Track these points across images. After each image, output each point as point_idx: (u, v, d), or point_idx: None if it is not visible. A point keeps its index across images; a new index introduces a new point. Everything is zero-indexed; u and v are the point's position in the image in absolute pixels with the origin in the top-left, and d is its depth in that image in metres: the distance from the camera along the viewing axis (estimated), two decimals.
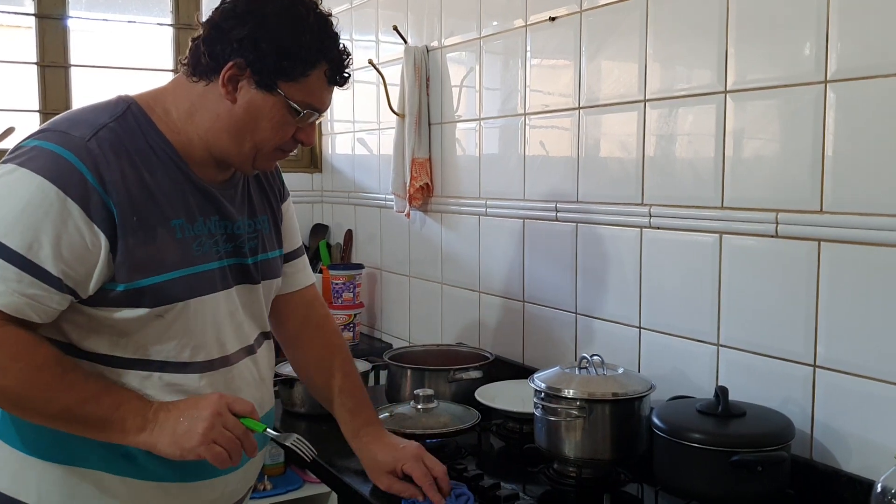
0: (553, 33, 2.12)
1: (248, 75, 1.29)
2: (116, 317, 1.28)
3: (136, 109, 1.33)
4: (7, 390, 1.23)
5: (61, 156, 1.22)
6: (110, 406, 1.25)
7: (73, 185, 1.21)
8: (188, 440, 1.24)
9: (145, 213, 1.27)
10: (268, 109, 1.32)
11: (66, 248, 1.21)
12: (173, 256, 1.30)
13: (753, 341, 1.65)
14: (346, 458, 1.85)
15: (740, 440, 1.41)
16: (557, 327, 2.16)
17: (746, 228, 1.64)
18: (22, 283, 1.19)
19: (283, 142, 1.37)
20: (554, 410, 1.63)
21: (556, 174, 2.14)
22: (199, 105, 1.33)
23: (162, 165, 1.32)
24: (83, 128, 1.26)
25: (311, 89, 1.33)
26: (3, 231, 1.19)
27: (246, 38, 1.27)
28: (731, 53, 1.66)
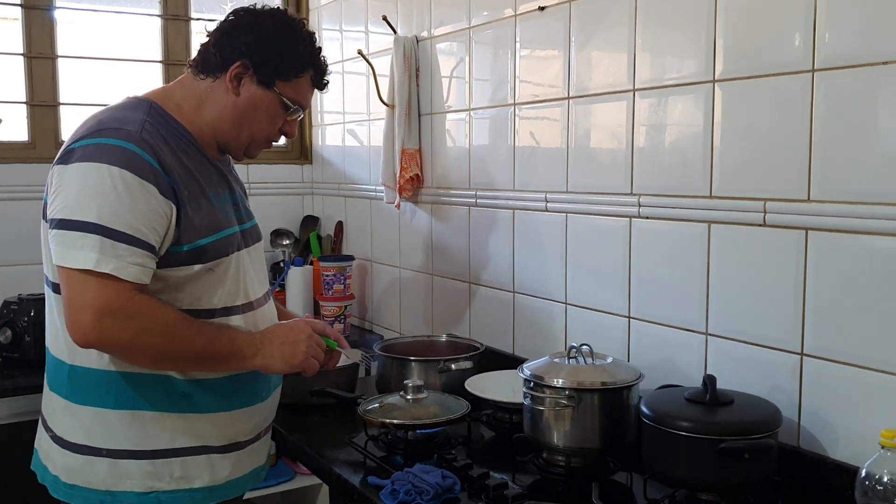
0: (542, 23, 2.12)
1: (251, 74, 1.59)
2: (178, 274, 1.54)
3: (157, 107, 1.59)
4: (155, 347, 1.49)
5: (126, 147, 1.47)
6: (229, 341, 1.55)
7: (144, 170, 1.46)
8: (294, 358, 1.60)
9: (192, 188, 1.55)
10: (265, 103, 1.62)
11: (154, 219, 1.47)
12: (217, 221, 1.60)
13: (741, 330, 1.65)
14: (336, 450, 1.85)
15: (727, 428, 1.41)
16: (547, 317, 2.16)
17: (735, 217, 1.64)
18: (133, 255, 1.44)
19: (272, 133, 1.69)
20: (542, 400, 1.64)
21: (545, 165, 2.14)
22: (206, 98, 1.62)
23: (188, 149, 1.59)
24: (131, 124, 1.51)
25: (300, 90, 1.66)
26: (108, 218, 1.43)
27: (252, 43, 1.58)
28: (719, 42, 1.66)
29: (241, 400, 1.67)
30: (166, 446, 1.59)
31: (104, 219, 1.43)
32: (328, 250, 3.30)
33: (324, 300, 2.99)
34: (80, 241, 1.43)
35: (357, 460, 1.79)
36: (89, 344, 1.46)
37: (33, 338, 2.60)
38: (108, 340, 1.46)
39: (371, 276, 3.08)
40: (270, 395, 1.76)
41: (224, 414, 1.64)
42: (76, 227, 1.43)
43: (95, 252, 1.42)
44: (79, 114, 3.05)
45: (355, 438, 1.90)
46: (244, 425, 1.69)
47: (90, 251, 1.42)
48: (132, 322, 1.45)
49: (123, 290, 1.44)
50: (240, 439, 1.69)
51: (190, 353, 1.53)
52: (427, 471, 1.58)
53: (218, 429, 1.64)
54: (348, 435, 1.92)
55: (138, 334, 1.46)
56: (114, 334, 1.44)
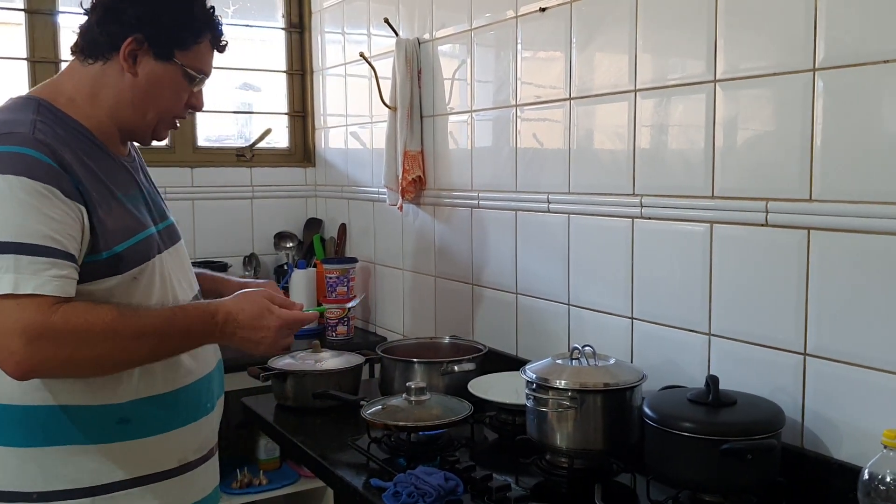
0: (543, 24, 2.12)
1: (147, 48, 1.43)
2: (102, 287, 1.38)
3: (46, 104, 1.41)
4: (100, 356, 1.33)
5: (20, 152, 1.30)
6: (183, 333, 1.40)
7: (44, 173, 1.30)
8: (255, 349, 1.46)
9: (100, 189, 1.39)
10: (168, 78, 1.47)
11: (67, 226, 1.31)
12: (132, 223, 1.44)
13: (744, 330, 1.65)
14: (339, 452, 1.85)
15: (730, 428, 1.41)
16: (550, 318, 2.16)
17: (737, 217, 1.64)
18: (54, 267, 1.28)
19: (179, 108, 1.54)
20: (545, 401, 1.63)
21: (547, 166, 2.14)
22: (99, 85, 1.45)
23: (89, 148, 1.43)
24: (20, 125, 1.34)
25: (201, 56, 1.50)
26: (16, 232, 1.27)
27: (142, 15, 1.42)
28: (720, 43, 1.65)
29: (185, 416, 1.52)
30: (108, 480, 1.42)
31: (13, 234, 1.26)
32: (331, 253, 3.30)
33: (327, 302, 2.99)
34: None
35: (360, 462, 1.79)
36: (28, 373, 1.28)
37: None
38: (46, 364, 1.28)
39: (374, 279, 3.08)
40: (215, 406, 1.63)
41: (170, 433, 1.49)
42: None
43: (10, 273, 1.25)
44: None
45: (358, 441, 1.89)
46: (192, 443, 1.55)
47: (3, 273, 1.25)
48: (64, 336, 1.27)
49: (45, 304, 1.26)
50: (190, 458, 1.54)
51: (139, 355, 1.38)
52: (430, 473, 1.57)
53: (165, 451, 1.49)
54: (351, 437, 1.92)
55: (77, 349, 1.29)
56: (50, 355, 1.27)
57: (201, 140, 3.32)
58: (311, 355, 2.24)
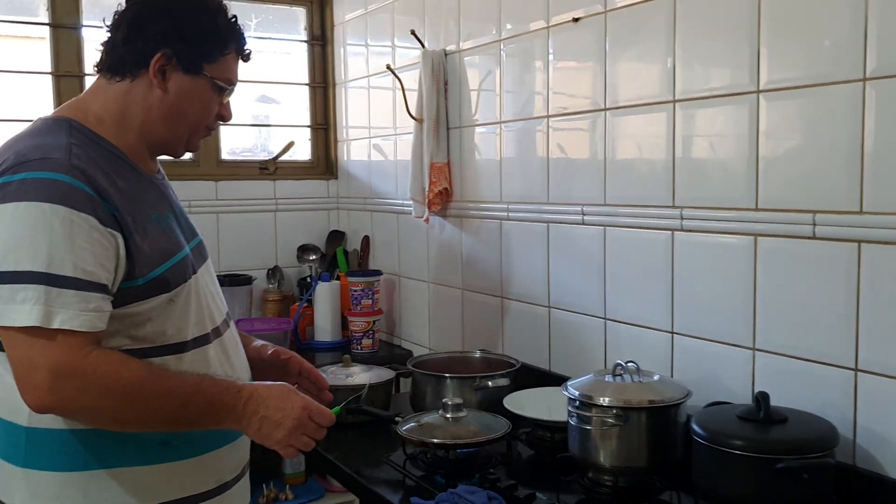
0: (576, 34, 2.10)
1: (175, 63, 1.41)
2: (137, 311, 1.35)
3: (77, 125, 1.39)
4: (118, 410, 1.29)
5: (56, 179, 1.27)
6: (206, 404, 1.33)
7: (80, 201, 1.27)
8: (269, 439, 1.37)
9: (133, 213, 1.36)
10: (197, 91, 1.45)
11: (101, 256, 1.28)
12: (168, 245, 1.41)
13: (791, 345, 1.61)
14: (373, 468, 1.83)
15: (784, 446, 1.38)
16: (585, 333, 2.13)
17: (782, 230, 1.61)
18: (85, 301, 1.25)
19: (210, 120, 1.52)
20: (589, 419, 1.61)
21: (581, 177, 2.11)
22: (127, 103, 1.42)
23: (122, 168, 1.40)
24: (55, 151, 1.31)
25: (229, 66, 1.48)
26: (48, 262, 1.24)
27: (168, 29, 1.39)
28: (763, 52, 1.63)
29: (222, 437, 1.48)
30: (148, 503, 1.40)
31: (44, 264, 1.23)
32: (355, 265, 3.28)
33: (352, 315, 2.96)
34: (19, 294, 1.23)
35: (396, 479, 1.76)
36: (46, 408, 1.26)
37: None
38: (65, 403, 1.26)
39: (399, 291, 3.06)
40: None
41: (208, 455, 1.46)
42: (12, 278, 1.23)
43: (40, 305, 1.22)
44: None
45: (392, 457, 1.87)
46: (229, 463, 1.52)
47: (34, 305, 1.22)
48: (91, 382, 1.25)
49: (77, 345, 1.24)
50: (226, 478, 1.51)
51: (158, 417, 1.33)
52: (472, 491, 1.54)
53: (203, 473, 1.46)
54: (384, 453, 1.89)
55: (98, 398, 1.27)
56: (72, 396, 1.25)
57: (224, 153, 3.31)
58: (342, 370, 2.22)
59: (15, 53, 3.05)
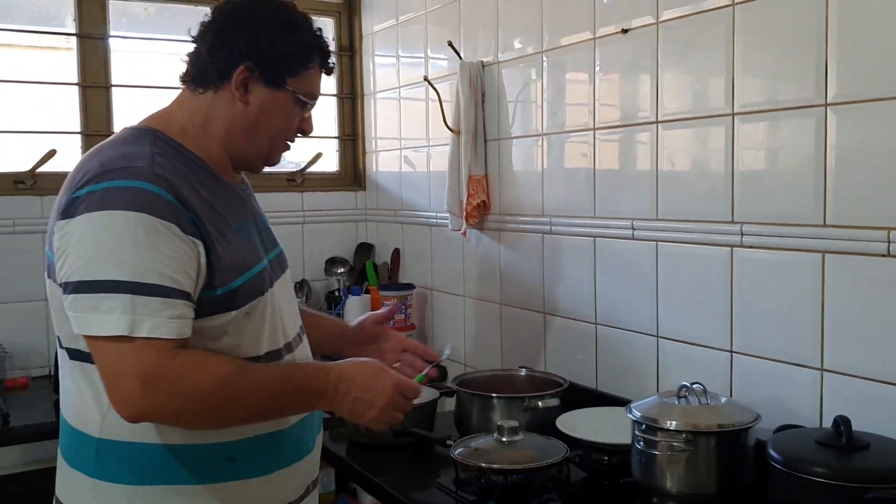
0: (626, 46, 2.05)
1: (258, 76, 1.40)
2: (212, 324, 1.34)
3: (161, 135, 1.39)
4: (209, 409, 1.29)
5: (140, 187, 1.27)
6: (296, 392, 1.36)
7: (163, 209, 1.27)
8: (362, 418, 1.41)
9: (215, 222, 1.35)
10: (279, 105, 1.43)
11: (184, 264, 1.28)
12: (247, 257, 1.40)
13: (863, 366, 1.56)
14: (425, 493, 1.78)
15: (873, 475, 1.32)
16: (636, 351, 2.07)
17: (853, 247, 1.56)
18: (170, 308, 1.25)
19: (291, 134, 1.50)
20: (655, 443, 1.55)
21: (630, 191, 2.06)
22: (210, 115, 1.42)
23: (204, 179, 1.40)
24: (139, 159, 1.31)
25: (311, 80, 1.47)
26: (133, 271, 1.23)
27: (253, 42, 1.39)
28: (831, 65, 1.58)
29: (288, 456, 1.47)
30: None
31: (129, 273, 1.23)
32: (384, 278, 3.23)
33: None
34: (105, 303, 1.22)
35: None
36: (138, 417, 1.26)
37: None
38: (157, 409, 1.25)
39: (432, 306, 3.00)
40: (315, 445, 1.57)
41: (273, 475, 1.44)
42: (97, 287, 1.23)
43: (126, 314, 1.22)
44: None
45: (442, 480, 1.82)
46: (293, 482, 1.50)
47: (120, 314, 1.22)
48: (179, 385, 1.25)
49: (164, 351, 1.24)
50: (291, 498, 1.49)
51: (252, 411, 1.34)
52: None
53: (267, 492, 1.44)
54: (433, 477, 1.84)
55: (190, 400, 1.27)
56: (162, 402, 1.24)
57: None
58: None
59: (42, 64, 3.02)
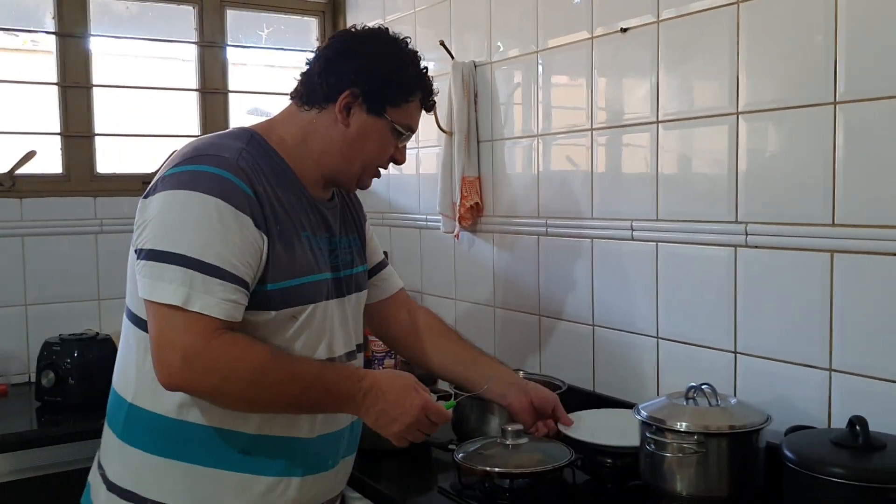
0: (624, 45, 2.03)
1: (361, 102, 1.49)
2: (256, 319, 1.41)
3: (259, 138, 1.49)
4: (243, 393, 1.36)
5: (222, 175, 1.37)
6: (325, 392, 1.41)
7: (239, 199, 1.36)
8: (384, 430, 1.44)
9: (284, 224, 1.44)
10: (377, 132, 1.52)
11: (248, 253, 1.37)
12: (308, 264, 1.47)
13: (874, 365, 1.55)
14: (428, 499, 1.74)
15: (893, 475, 1.30)
16: (635, 352, 2.05)
17: (864, 246, 1.55)
18: (226, 290, 1.33)
19: (383, 162, 1.59)
20: (665, 445, 1.53)
21: (630, 191, 2.05)
22: (311, 131, 1.52)
23: (287, 184, 1.48)
24: (228, 151, 1.41)
25: (410, 113, 1.56)
26: (200, 250, 1.32)
27: (360, 70, 1.48)
28: (840, 63, 1.57)
29: (303, 466, 1.50)
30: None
31: (196, 251, 1.32)
32: None
33: (371, 334, 2.86)
34: (169, 273, 1.32)
35: None
36: (175, 386, 1.34)
37: (77, 381, 2.47)
38: (194, 384, 1.34)
39: None
40: (338, 464, 1.58)
41: (283, 479, 1.47)
42: (166, 258, 1.33)
43: (185, 287, 1.31)
44: (114, 144, 2.96)
45: (445, 485, 1.78)
46: (304, 495, 1.51)
47: (179, 285, 1.31)
48: (218, 364, 1.32)
49: (210, 329, 1.31)
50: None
51: (281, 401, 1.40)
52: None
53: (274, 495, 1.47)
54: (435, 482, 1.80)
55: (224, 380, 1.34)
56: (199, 377, 1.32)
57: None
58: None
59: (20, 64, 2.94)
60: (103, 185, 2.93)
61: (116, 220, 2.90)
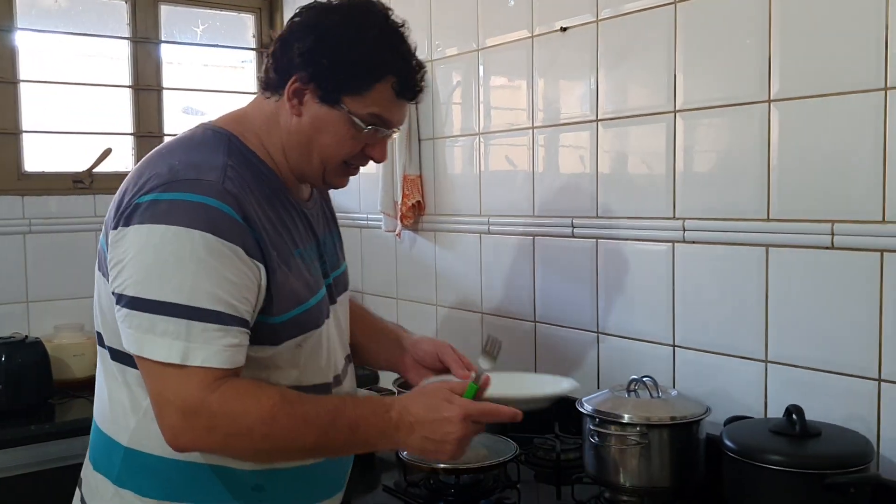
0: (564, 44, 2.05)
1: (312, 89, 1.28)
2: (262, 355, 1.27)
3: (236, 142, 1.31)
4: (254, 446, 1.21)
5: (207, 204, 1.19)
6: (348, 430, 1.23)
7: (230, 230, 1.19)
8: (437, 455, 1.27)
9: (279, 246, 1.28)
10: (332, 124, 1.30)
11: (245, 289, 1.21)
12: (309, 285, 1.32)
13: (808, 356, 1.60)
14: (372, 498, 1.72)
15: (829, 461, 1.34)
16: (576, 347, 2.08)
17: (798, 240, 1.59)
18: (227, 336, 1.18)
19: (349, 156, 1.35)
20: (608, 437, 1.55)
21: (570, 189, 2.07)
22: (272, 121, 1.34)
23: (273, 194, 1.31)
24: (210, 172, 1.22)
25: (378, 103, 1.30)
26: (191, 295, 1.16)
27: (308, 52, 1.27)
28: (774, 62, 1.61)
29: (318, 492, 1.40)
30: None
31: (187, 296, 1.16)
32: None
33: None
34: (159, 326, 1.16)
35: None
36: (182, 448, 1.20)
37: (5, 386, 2.38)
38: (199, 443, 1.20)
39: None
40: (345, 482, 1.51)
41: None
42: (154, 308, 1.16)
43: (181, 340, 1.15)
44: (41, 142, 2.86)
45: (388, 483, 1.77)
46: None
47: (174, 339, 1.15)
48: (219, 420, 1.17)
49: (209, 380, 1.16)
50: None
51: (300, 448, 1.25)
52: None
53: None
54: (379, 479, 1.79)
55: (231, 436, 1.18)
56: (202, 436, 1.18)
57: None
58: None
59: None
60: (31, 184, 2.83)
61: (45, 220, 2.80)
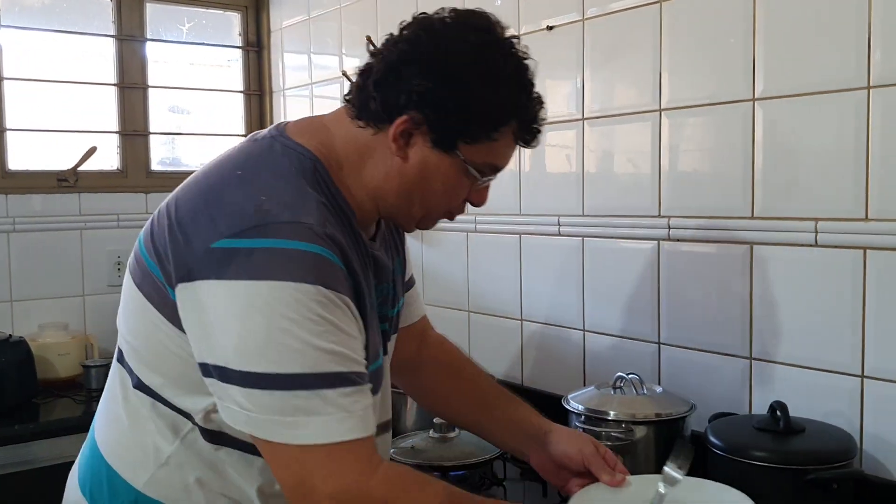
0: (550, 43, 2.06)
1: (424, 131, 1.10)
2: None
3: (321, 170, 1.13)
4: None
5: (313, 253, 1.02)
6: None
7: (339, 280, 1.05)
8: None
9: (367, 299, 1.14)
10: (443, 172, 1.13)
11: (359, 340, 1.08)
12: (376, 344, 1.19)
13: (793, 353, 1.61)
14: None
15: (812, 457, 1.35)
16: (562, 345, 2.08)
17: (782, 238, 1.61)
18: (363, 396, 1.04)
19: (453, 206, 1.21)
20: (596, 434, 1.55)
21: (557, 188, 2.07)
22: (367, 156, 1.15)
23: (353, 238, 1.14)
24: (307, 213, 1.06)
25: (496, 150, 1.15)
26: (314, 361, 1.00)
27: (430, 93, 1.08)
28: (758, 62, 1.62)
29: None
30: None
31: (311, 362, 1.00)
32: None
33: None
34: (288, 403, 0.99)
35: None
36: None
37: None
38: None
39: None
40: None
41: None
42: (273, 383, 0.99)
43: (316, 416, 0.99)
44: (25, 140, 2.84)
45: None
46: None
47: (317, 416, 0.99)
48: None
49: (364, 459, 1.02)
50: None
51: None
52: None
53: None
54: None
55: None
56: None
57: (154, 164, 3.13)
58: None
59: None
60: (15, 182, 2.81)
61: (30, 219, 2.79)
